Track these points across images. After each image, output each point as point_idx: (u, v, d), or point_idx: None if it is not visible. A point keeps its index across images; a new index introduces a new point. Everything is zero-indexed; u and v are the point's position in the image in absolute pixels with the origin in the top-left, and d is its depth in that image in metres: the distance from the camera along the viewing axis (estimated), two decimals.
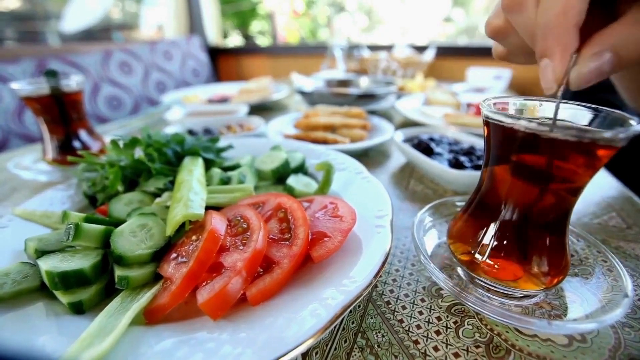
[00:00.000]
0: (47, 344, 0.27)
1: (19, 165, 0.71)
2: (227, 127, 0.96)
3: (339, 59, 1.92)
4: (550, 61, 0.27)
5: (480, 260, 0.34)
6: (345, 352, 0.30)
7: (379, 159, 0.77)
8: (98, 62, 1.89)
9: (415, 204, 0.56)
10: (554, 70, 0.27)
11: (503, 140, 0.31)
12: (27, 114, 1.54)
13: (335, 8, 3.78)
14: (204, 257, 0.33)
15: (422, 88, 1.43)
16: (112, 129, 1.14)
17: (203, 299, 0.29)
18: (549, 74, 0.27)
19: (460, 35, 3.29)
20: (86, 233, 0.35)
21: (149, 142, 0.52)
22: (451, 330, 0.32)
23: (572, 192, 0.31)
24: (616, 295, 0.30)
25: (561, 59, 0.26)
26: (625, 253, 0.42)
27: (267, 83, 1.54)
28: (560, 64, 0.27)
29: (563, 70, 0.27)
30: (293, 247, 0.34)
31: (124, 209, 0.44)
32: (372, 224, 0.39)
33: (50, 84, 0.66)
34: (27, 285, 0.33)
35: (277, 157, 0.56)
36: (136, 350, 0.27)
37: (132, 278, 0.33)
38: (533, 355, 0.29)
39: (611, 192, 0.58)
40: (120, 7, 2.46)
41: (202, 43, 2.59)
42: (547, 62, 0.27)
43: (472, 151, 0.65)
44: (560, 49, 0.26)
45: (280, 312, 0.29)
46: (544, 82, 0.28)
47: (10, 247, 0.39)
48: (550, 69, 0.27)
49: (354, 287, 0.30)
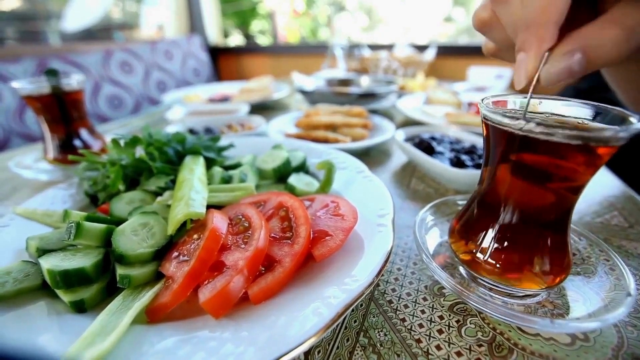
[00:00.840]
0: (48, 342, 0.27)
1: (20, 165, 0.71)
2: (228, 126, 0.96)
3: (340, 58, 1.92)
4: (525, 55, 0.27)
5: (482, 260, 0.34)
6: (347, 350, 0.30)
7: (380, 158, 0.77)
8: (99, 61, 1.89)
9: (416, 203, 0.56)
10: (526, 65, 0.27)
11: (502, 139, 0.31)
12: (28, 113, 1.55)
13: (335, 7, 3.77)
14: (206, 255, 0.33)
15: (423, 87, 1.43)
16: (112, 128, 1.14)
17: (205, 298, 0.29)
18: (522, 68, 0.28)
19: (461, 35, 3.28)
20: (87, 232, 0.35)
21: (150, 141, 0.52)
22: (454, 329, 0.32)
23: (573, 191, 0.30)
24: (619, 294, 0.30)
25: (535, 54, 0.27)
26: (628, 252, 0.42)
27: (268, 82, 1.54)
28: (534, 59, 0.27)
29: (535, 65, 0.27)
30: (295, 245, 0.34)
31: (125, 208, 0.44)
32: (374, 222, 0.39)
33: (51, 83, 0.66)
34: (28, 284, 0.33)
35: (278, 156, 0.56)
36: (138, 349, 0.27)
37: (133, 277, 0.33)
38: (536, 354, 0.29)
39: (613, 191, 0.57)
40: (121, 6, 2.46)
41: (203, 42, 2.59)
42: (523, 56, 0.27)
43: (474, 150, 0.65)
44: (536, 44, 0.26)
45: (282, 311, 0.29)
46: (516, 76, 0.29)
47: (12, 246, 0.39)
48: (524, 63, 0.27)
49: (356, 286, 0.30)
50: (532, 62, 0.27)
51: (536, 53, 0.27)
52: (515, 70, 0.29)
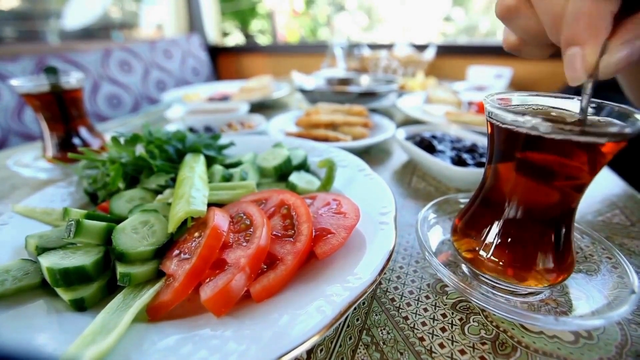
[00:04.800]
0: (48, 341, 0.27)
1: (19, 163, 0.71)
2: (228, 125, 0.95)
3: (340, 57, 1.91)
4: (580, 49, 0.25)
5: (485, 257, 0.33)
6: (350, 349, 0.30)
7: (381, 157, 0.77)
8: (98, 60, 1.89)
9: (418, 202, 0.56)
10: (585, 58, 0.25)
11: (507, 137, 0.30)
12: (27, 112, 1.54)
13: (335, 7, 3.77)
14: (207, 253, 0.32)
15: (423, 86, 1.43)
16: (112, 127, 1.13)
17: (206, 296, 0.29)
18: (578, 62, 0.26)
19: (460, 35, 3.28)
20: (87, 230, 0.34)
21: (150, 139, 0.52)
22: (457, 327, 0.31)
23: (577, 189, 0.30)
24: (622, 291, 0.30)
25: (594, 46, 0.25)
26: (630, 250, 0.42)
27: (268, 81, 1.54)
28: (593, 52, 0.25)
29: (595, 58, 0.25)
30: (297, 243, 0.34)
31: (125, 206, 0.44)
32: (376, 220, 0.39)
33: (50, 81, 0.65)
34: (28, 282, 0.32)
35: (279, 154, 0.56)
36: (139, 347, 0.26)
37: (134, 275, 0.33)
38: (540, 352, 0.28)
39: (615, 189, 0.57)
40: (120, 6, 2.45)
41: (202, 42, 2.59)
42: (577, 50, 0.25)
43: (475, 148, 0.64)
44: (593, 36, 0.24)
45: (285, 309, 0.28)
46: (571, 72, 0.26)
47: (11, 244, 0.39)
48: (580, 57, 0.25)
49: (358, 284, 0.29)
50: (591, 54, 0.25)
51: (594, 45, 0.25)
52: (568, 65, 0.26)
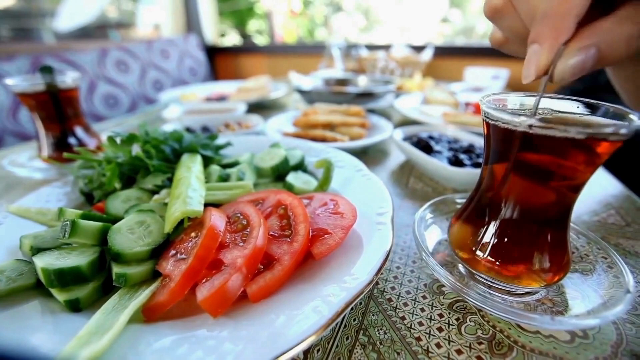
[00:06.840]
0: (42, 342, 0.27)
1: (14, 163, 0.70)
2: (225, 125, 0.95)
3: (337, 58, 1.91)
4: (539, 48, 0.26)
5: (481, 257, 0.34)
6: (347, 349, 0.30)
7: (378, 157, 0.77)
8: (94, 60, 1.88)
9: (415, 202, 0.56)
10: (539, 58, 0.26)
11: (503, 137, 0.31)
12: (22, 112, 1.53)
13: (332, 8, 3.78)
14: (203, 253, 0.32)
15: (421, 87, 1.43)
16: (108, 127, 1.12)
17: (203, 296, 0.29)
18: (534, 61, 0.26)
19: (458, 36, 3.30)
20: (83, 230, 0.34)
21: (146, 139, 0.52)
22: (453, 327, 0.31)
23: (573, 189, 0.31)
24: (617, 291, 0.30)
25: (550, 46, 0.25)
26: (625, 250, 0.42)
27: (265, 82, 1.54)
28: (548, 52, 0.25)
29: (549, 58, 0.25)
30: (294, 243, 0.34)
31: (122, 206, 0.43)
32: (373, 221, 0.39)
33: (45, 80, 0.65)
34: (22, 283, 0.32)
35: (276, 154, 0.55)
36: (135, 348, 0.26)
37: (130, 275, 0.32)
38: (536, 352, 0.28)
39: (610, 190, 0.58)
40: (117, 5, 2.44)
41: (200, 42, 2.58)
42: (537, 49, 0.26)
43: (472, 149, 0.65)
44: (553, 36, 0.25)
45: (282, 309, 0.28)
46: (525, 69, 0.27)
47: (5, 244, 0.39)
48: (536, 56, 0.26)
49: (355, 284, 0.29)
50: (545, 55, 0.25)
51: (551, 45, 0.25)
52: (526, 62, 0.27)
